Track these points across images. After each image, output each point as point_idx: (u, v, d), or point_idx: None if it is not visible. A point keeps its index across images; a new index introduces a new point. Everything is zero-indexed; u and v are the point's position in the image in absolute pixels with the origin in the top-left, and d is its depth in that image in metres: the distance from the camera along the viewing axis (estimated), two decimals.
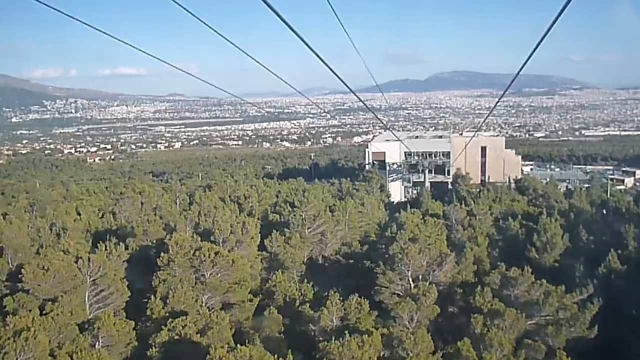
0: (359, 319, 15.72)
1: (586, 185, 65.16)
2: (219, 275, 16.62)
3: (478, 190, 49.22)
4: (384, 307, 19.01)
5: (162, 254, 16.62)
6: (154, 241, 20.52)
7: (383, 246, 27.92)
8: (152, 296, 15.11)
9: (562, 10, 5.97)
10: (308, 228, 25.07)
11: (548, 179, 62.86)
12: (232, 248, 20.14)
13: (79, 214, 27.72)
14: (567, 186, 62.37)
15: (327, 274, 25.19)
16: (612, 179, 79.60)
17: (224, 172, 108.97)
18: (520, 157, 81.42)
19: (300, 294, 20.18)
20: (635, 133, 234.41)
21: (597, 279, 22.47)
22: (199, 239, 18.55)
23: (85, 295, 15.20)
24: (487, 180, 68.52)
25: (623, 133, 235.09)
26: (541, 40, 7.07)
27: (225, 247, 19.72)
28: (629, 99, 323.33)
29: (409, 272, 19.60)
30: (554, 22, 6.35)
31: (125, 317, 14.83)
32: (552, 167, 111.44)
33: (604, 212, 38.75)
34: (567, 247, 28.65)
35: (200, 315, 13.55)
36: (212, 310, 15.83)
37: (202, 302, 16.03)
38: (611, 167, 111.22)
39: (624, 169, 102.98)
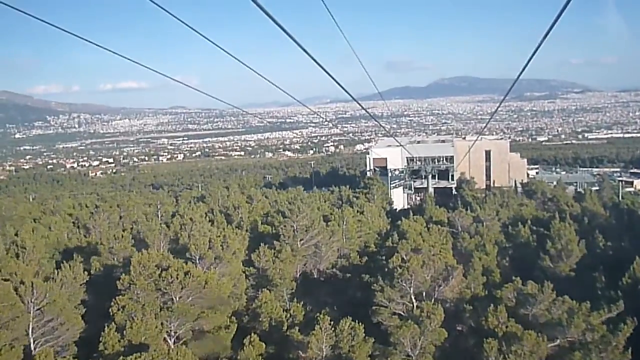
0: (352, 348, 13.37)
1: (595, 188, 62.70)
2: (190, 298, 14.36)
3: (484, 195, 46.83)
4: (384, 330, 16.67)
5: (122, 276, 14.38)
6: (121, 260, 18.31)
7: (383, 257, 25.60)
8: (107, 326, 12.83)
9: (559, 15, 6.00)
10: (300, 240, 22.79)
11: (555, 182, 60.43)
12: (210, 265, 17.87)
13: (51, 229, 25.56)
14: (576, 189, 59.80)
15: (322, 290, 22.87)
16: (620, 181, 76.96)
17: (224, 183, 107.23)
18: (525, 160, 78.95)
19: (288, 315, 17.87)
20: (639, 135, 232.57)
21: (622, 290, 20.08)
22: (170, 256, 16.31)
23: (29, 327, 12.94)
24: (492, 184, 66.06)
25: (626, 135, 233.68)
26: (540, 44, 6.99)
27: (202, 265, 17.49)
28: (630, 101, 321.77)
29: (411, 288, 17.26)
30: (551, 27, 6.36)
31: (75, 353, 12.57)
32: (558, 170, 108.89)
33: (619, 215, 36.34)
34: (584, 255, 26.29)
35: (157, 353, 11.24)
36: (181, 340, 13.53)
37: (169, 331, 13.75)
38: (618, 169, 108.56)
39: (632, 170, 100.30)
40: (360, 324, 14.30)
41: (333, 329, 14.14)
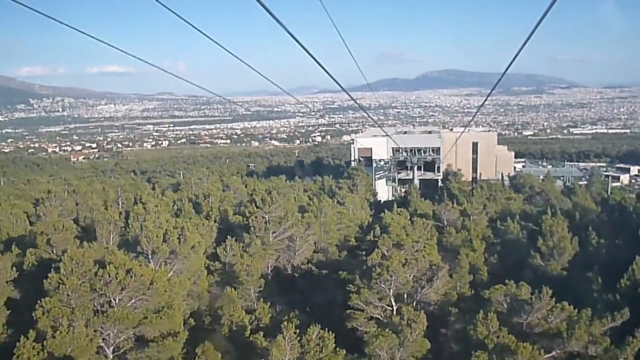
0: None
1: (583, 183, 61.67)
2: (132, 301, 12.24)
3: (471, 188, 45.18)
4: (359, 337, 14.74)
5: (50, 274, 12.19)
6: (60, 253, 16.04)
7: (364, 252, 23.68)
8: (23, 336, 10.65)
9: (547, 11, 6.03)
10: (273, 232, 20.70)
11: (543, 176, 59.15)
12: (165, 261, 15.72)
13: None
14: (564, 183, 58.65)
15: (295, 288, 20.86)
16: (607, 176, 76.23)
17: (206, 171, 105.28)
18: (513, 153, 77.80)
19: (253, 317, 15.85)
20: (622, 131, 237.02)
21: (621, 294, 18.46)
22: (116, 251, 14.13)
23: None
24: (479, 177, 64.67)
25: (610, 131, 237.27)
26: (527, 39, 7.08)
27: (156, 261, 15.36)
28: (615, 98, 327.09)
29: (391, 290, 15.33)
30: (539, 23, 6.42)
31: None
32: (544, 164, 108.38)
33: (611, 211, 34.89)
34: (577, 253, 24.69)
35: None
36: (121, 350, 11.43)
37: (107, 340, 11.63)
38: (604, 164, 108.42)
39: (618, 165, 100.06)
40: (331, 332, 12.30)
41: (299, 338, 12.13)
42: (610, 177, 75.53)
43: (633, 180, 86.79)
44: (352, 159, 67.96)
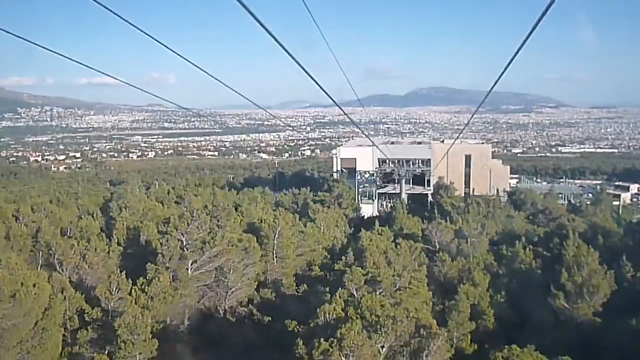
0: None
1: (585, 201, 56.12)
2: None
3: (465, 204, 39.25)
4: None
5: None
6: None
7: (327, 289, 17.34)
8: None
9: (532, 30, 5.94)
10: (193, 262, 14.28)
11: (544, 192, 53.46)
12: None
13: None
14: (569, 202, 53.00)
15: (225, 344, 14.39)
16: (607, 194, 70.91)
17: (183, 181, 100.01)
18: (508, 167, 72.43)
19: None
20: (610, 150, 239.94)
21: None
22: None
23: None
24: (471, 192, 58.88)
25: (598, 150, 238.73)
26: (512, 58, 7.06)
27: None
28: (602, 118, 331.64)
29: None
30: (524, 41, 6.36)
31: None
32: (538, 180, 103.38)
33: (635, 233, 29.05)
34: (613, 292, 18.67)
35: None
36: None
37: None
38: (600, 182, 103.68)
39: (616, 183, 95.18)
40: None
41: None
42: (610, 195, 70.42)
43: (634, 199, 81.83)
44: (334, 170, 61.92)
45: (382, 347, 9.52)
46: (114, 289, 12.52)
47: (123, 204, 23.87)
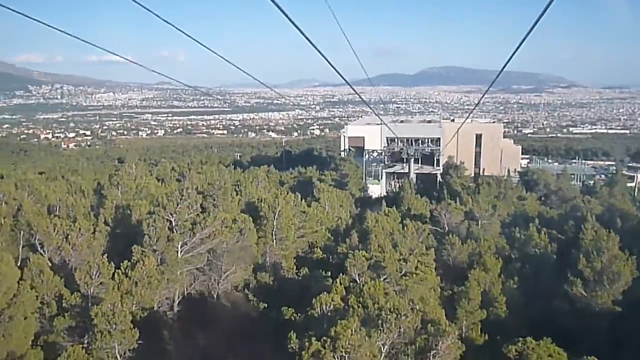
0: None
1: (600, 182, 54.40)
2: None
3: (476, 184, 37.90)
4: None
5: None
6: None
7: (328, 274, 16.31)
8: None
9: (545, 9, 5.82)
10: (182, 244, 13.27)
11: (555, 173, 51.80)
12: None
13: None
14: (583, 182, 51.32)
15: (215, 332, 13.44)
16: (622, 175, 68.91)
17: (192, 159, 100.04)
18: (520, 147, 70.61)
19: None
20: (622, 131, 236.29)
21: None
22: None
23: None
24: (481, 172, 57.39)
25: (610, 131, 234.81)
26: (525, 37, 6.96)
27: None
28: (615, 98, 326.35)
29: None
30: (537, 20, 6.18)
31: None
32: (549, 161, 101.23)
33: None
34: (634, 279, 17.47)
35: None
36: None
37: None
38: (612, 163, 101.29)
39: (630, 164, 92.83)
40: None
41: None
42: (626, 177, 68.47)
43: None
44: (342, 148, 60.60)
45: (383, 345, 8.48)
46: (95, 273, 11.60)
47: (115, 182, 22.88)
